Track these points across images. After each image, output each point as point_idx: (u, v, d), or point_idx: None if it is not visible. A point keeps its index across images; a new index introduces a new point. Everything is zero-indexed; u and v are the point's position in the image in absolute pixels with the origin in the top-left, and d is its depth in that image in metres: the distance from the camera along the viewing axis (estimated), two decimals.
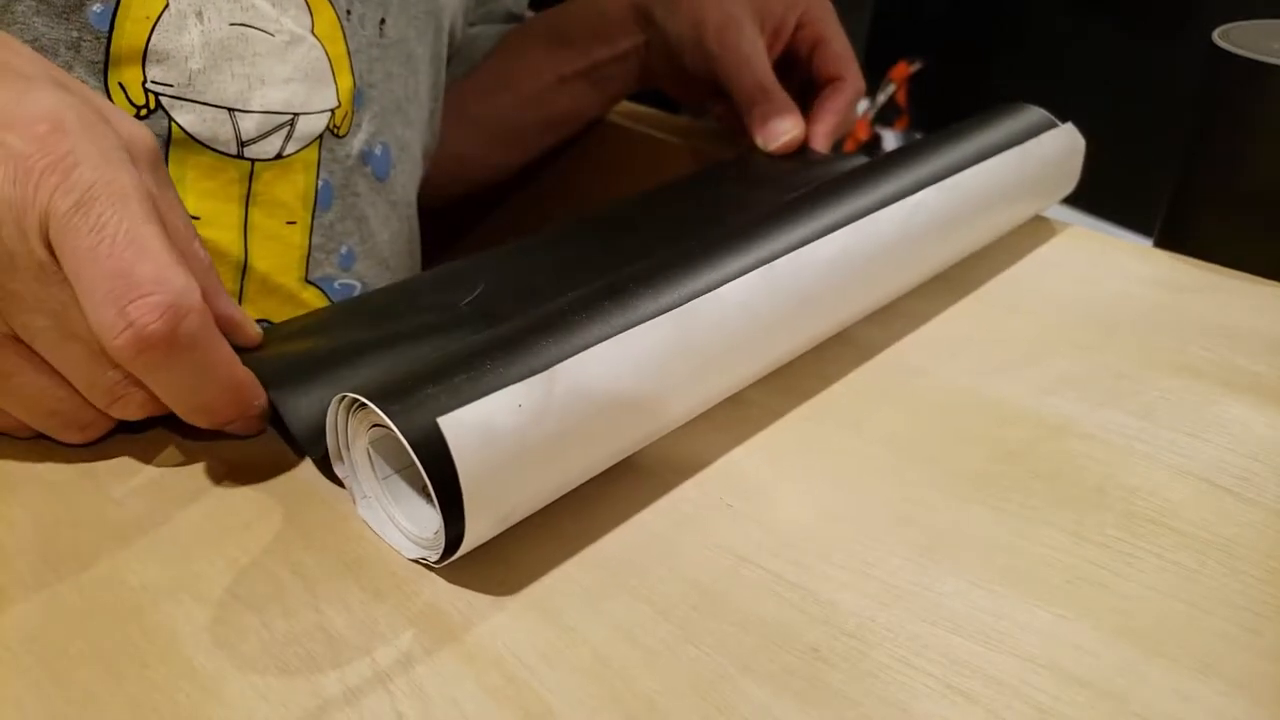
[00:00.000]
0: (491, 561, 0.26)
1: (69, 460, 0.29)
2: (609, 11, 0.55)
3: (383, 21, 0.45)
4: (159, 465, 0.29)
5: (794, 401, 0.32)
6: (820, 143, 0.49)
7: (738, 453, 0.30)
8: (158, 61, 0.37)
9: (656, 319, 0.28)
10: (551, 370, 0.25)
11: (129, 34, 0.36)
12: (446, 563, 0.25)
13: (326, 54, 0.41)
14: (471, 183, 0.62)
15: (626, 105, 0.60)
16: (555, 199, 0.64)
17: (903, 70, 1.92)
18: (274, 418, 0.30)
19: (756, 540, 0.27)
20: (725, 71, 0.50)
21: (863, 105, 1.92)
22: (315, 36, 0.41)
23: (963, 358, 0.35)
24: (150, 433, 0.30)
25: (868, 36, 1.75)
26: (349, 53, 0.42)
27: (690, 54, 0.51)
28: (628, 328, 0.27)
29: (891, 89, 1.93)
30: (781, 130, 0.48)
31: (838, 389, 0.33)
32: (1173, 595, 0.25)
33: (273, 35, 0.39)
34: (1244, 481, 0.29)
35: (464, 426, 0.23)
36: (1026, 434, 0.31)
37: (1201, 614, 0.24)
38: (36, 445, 0.29)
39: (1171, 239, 0.46)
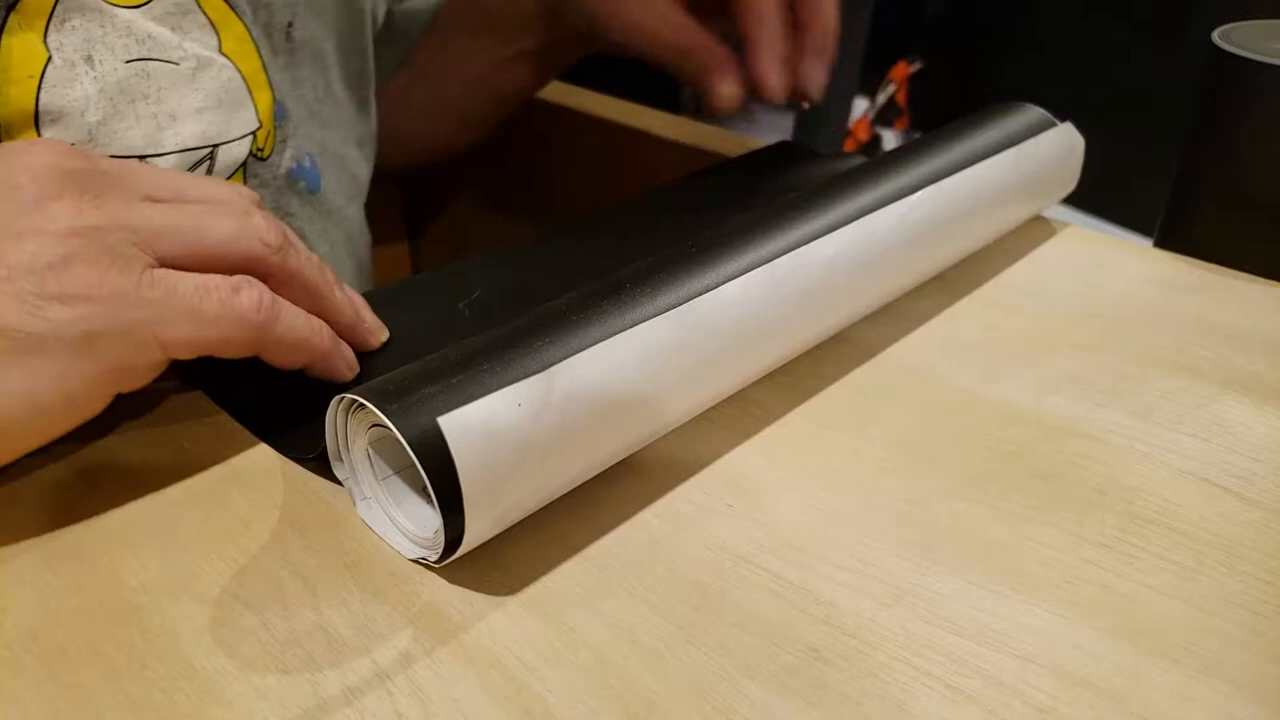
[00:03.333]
0: (491, 561, 0.26)
1: (69, 461, 0.29)
2: (521, 4, 0.52)
3: (290, 25, 0.42)
4: (159, 466, 0.29)
5: (794, 401, 0.32)
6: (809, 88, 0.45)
7: (738, 453, 0.30)
8: (52, 122, 0.33)
9: (655, 319, 0.28)
10: (550, 370, 0.25)
11: (14, 99, 0.33)
12: (446, 563, 0.25)
13: (240, 72, 0.38)
14: (417, 161, 0.60)
15: (626, 105, 0.60)
16: (554, 200, 0.64)
17: (903, 70, 1.92)
18: (273, 421, 0.30)
19: (756, 540, 0.27)
20: (639, 48, 0.46)
21: (863, 105, 1.92)
22: (225, 55, 0.37)
23: (963, 358, 0.35)
24: (150, 433, 0.30)
25: (868, 37, 1.75)
26: (264, 66, 0.39)
27: (605, 40, 0.48)
28: (626, 328, 0.27)
29: (891, 89, 1.93)
30: (719, 93, 0.43)
31: (838, 389, 0.33)
32: (1173, 595, 0.25)
33: (177, 64, 0.36)
34: (1244, 481, 0.29)
35: (463, 426, 0.23)
36: (1027, 434, 0.31)
37: (1201, 614, 0.24)
38: None
39: (1171, 239, 0.46)
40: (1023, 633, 0.24)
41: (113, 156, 0.33)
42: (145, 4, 0.35)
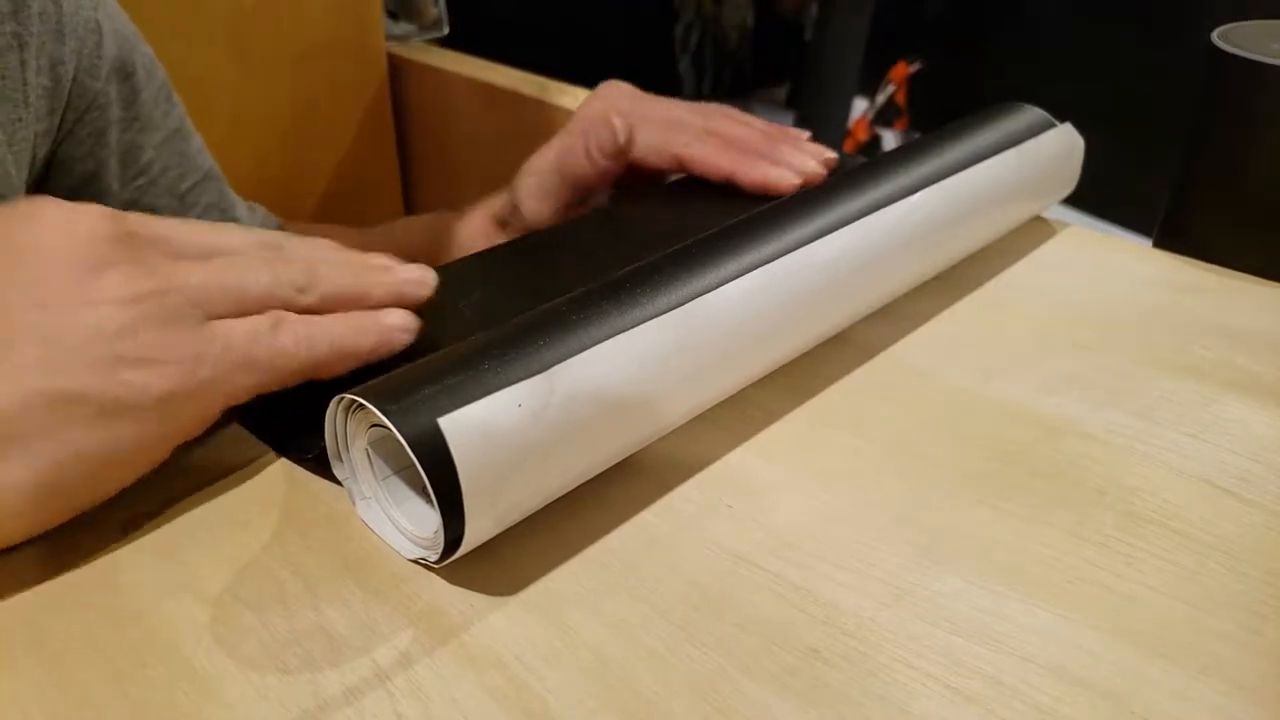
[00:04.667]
0: (491, 562, 0.26)
1: None
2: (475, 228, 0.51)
3: None
4: (159, 466, 0.29)
5: (794, 402, 0.32)
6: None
7: (738, 453, 0.30)
8: None
9: (655, 320, 0.28)
10: (550, 371, 0.25)
11: None
12: (446, 562, 0.25)
13: None
14: None
15: None
16: None
17: (903, 70, 1.92)
18: (273, 421, 0.30)
19: (756, 540, 0.27)
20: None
21: (862, 105, 1.93)
22: None
23: (963, 358, 0.35)
24: None
25: (868, 37, 1.75)
26: None
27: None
28: (626, 328, 0.27)
29: (891, 89, 1.93)
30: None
31: (838, 389, 0.33)
32: (1173, 595, 0.25)
33: None
34: (1244, 482, 0.29)
35: (463, 427, 0.23)
36: (1026, 434, 0.31)
37: (1201, 614, 0.24)
38: None
39: (1171, 239, 0.46)
40: (1023, 633, 0.24)
41: None
42: None
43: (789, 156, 0.42)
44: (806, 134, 0.45)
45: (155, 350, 0.24)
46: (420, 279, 0.31)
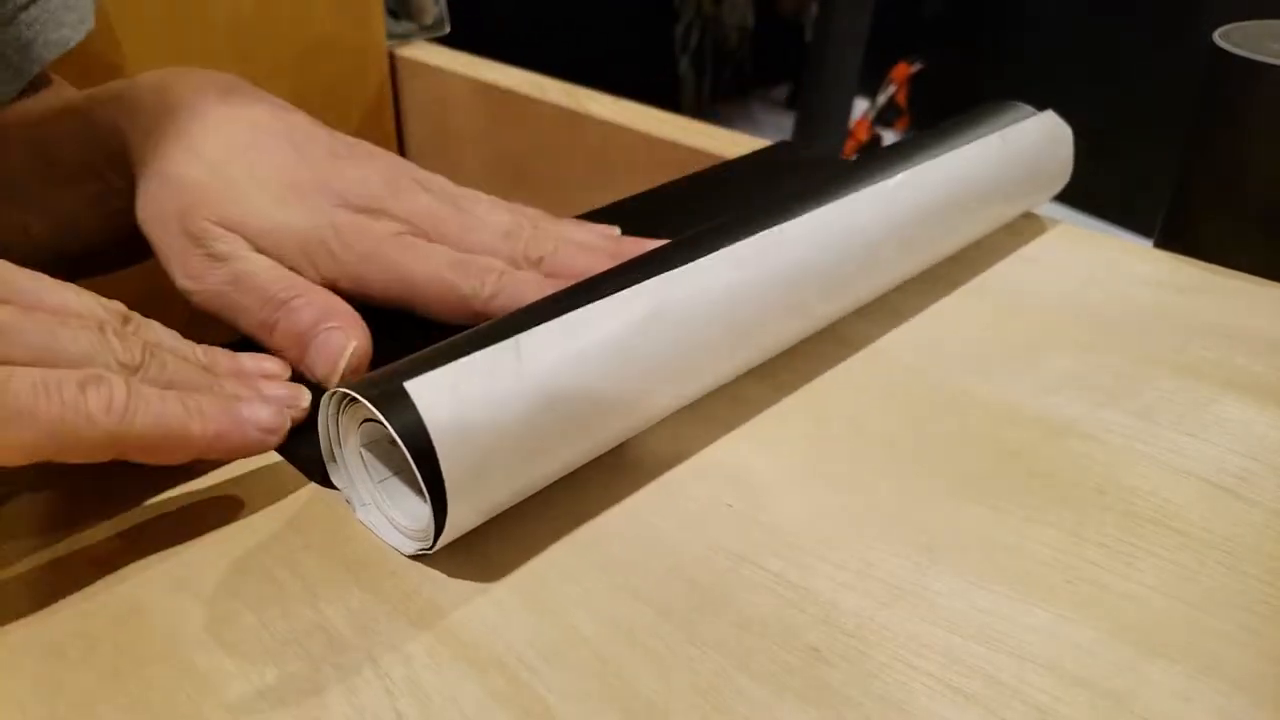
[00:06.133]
0: (491, 561, 0.26)
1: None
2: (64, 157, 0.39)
3: None
4: (158, 465, 0.29)
5: (794, 400, 0.32)
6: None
7: (738, 452, 0.30)
8: None
9: (626, 290, 0.28)
10: (517, 337, 0.26)
11: None
12: (440, 545, 0.25)
13: None
14: None
15: (626, 105, 0.60)
16: (552, 200, 0.64)
17: (903, 70, 1.92)
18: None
19: (756, 540, 0.27)
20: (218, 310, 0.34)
21: (863, 105, 1.93)
22: None
23: (963, 357, 0.35)
24: None
25: (868, 37, 1.75)
26: None
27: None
28: (595, 300, 0.28)
29: (891, 89, 1.93)
30: (328, 351, 0.31)
31: (837, 388, 0.33)
32: (1173, 595, 0.25)
33: None
34: (1244, 481, 0.29)
35: (430, 386, 0.24)
36: (1026, 434, 0.31)
37: (1201, 614, 0.24)
38: None
39: (1171, 239, 0.46)
40: (1023, 633, 0.24)
41: None
42: None
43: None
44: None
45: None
46: (291, 397, 0.28)
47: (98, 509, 0.27)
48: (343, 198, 0.33)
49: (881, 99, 1.92)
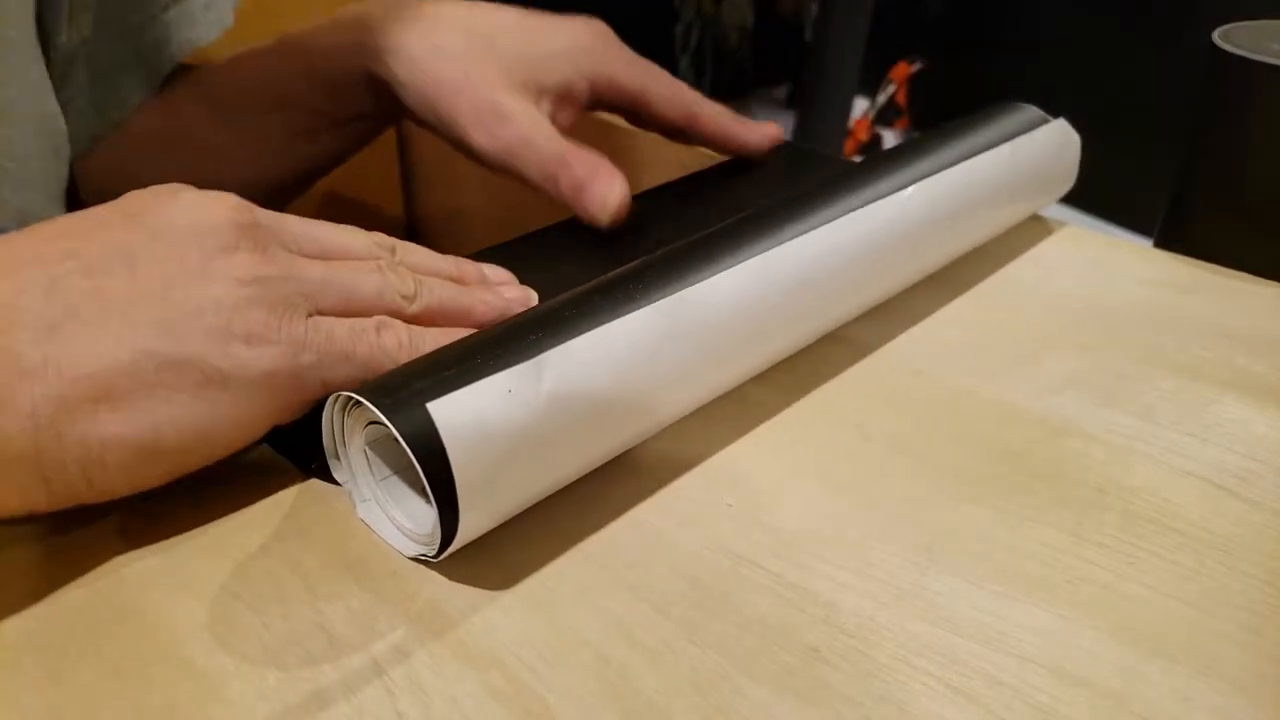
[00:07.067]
0: (491, 561, 0.26)
1: None
2: (337, 79, 0.46)
3: None
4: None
5: (794, 401, 0.32)
6: (750, 138, 0.47)
7: (738, 452, 0.30)
8: None
9: (646, 307, 0.28)
10: (540, 357, 0.25)
11: None
12: (445, 555, 0.25)
13: None
14: None
15: None
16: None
17: (903, 70, 1.92)
18: (272, 432, 0.30)
19: (756, 540, 0.27)
20: (506, 162, 0.42)
21: (863, 105, 1.93)
22: None
23: (963, 358, 0.35)
24: None
25: (868, 37, 1.75)
26: None
27: (456, 144, 0.44)
28: (616, 317, 0.27)
29: (891, 89, 1.93)
30: (604, 192, 0.40)
31: (838, 389, 0.33)
32: (1173, 595, 0.25)
33: None
34: (1244, 481, 0.29)
35: (453, 411, 0.23)
36: (1026, 434, 0.31)
37: (1201, 614, 0.24)
38: None
39: (1171, 239, 0.46)
40: (1023, 633, 0.24)
41: None
42: None
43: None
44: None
45: (263, 329, 0.26)
46: (524, 299, 0.33)
47: (98, 509, 0.27)
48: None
49: (881, 98, 1.92)
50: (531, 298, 0.33)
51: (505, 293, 0.33)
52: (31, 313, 0.24)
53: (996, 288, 0.39)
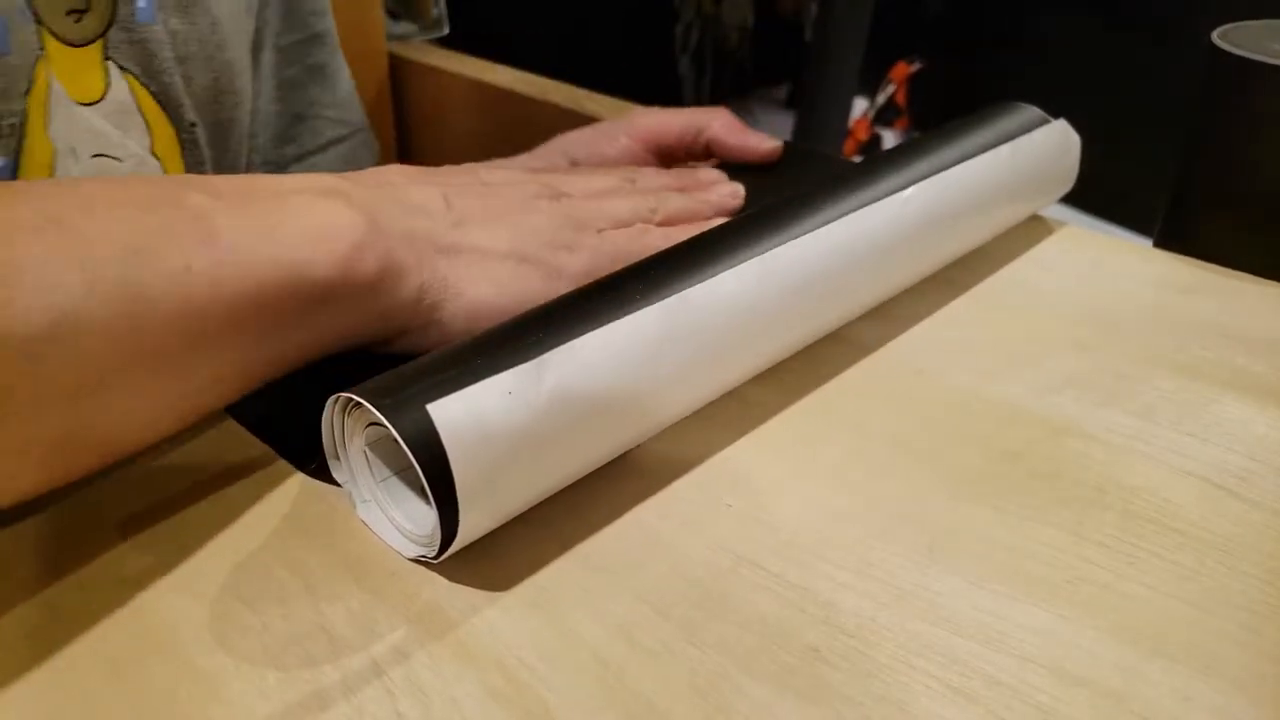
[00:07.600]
0: (491, 561, 0.26)
1: None
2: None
3: (193, 125, 0.45)
4: (160, 464, 0.29)
5: (794, 401, 0.32)
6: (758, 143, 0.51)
7: (738, 452, 0.30)
8: None
9: (647, 308, 0.28)
10: (541, 358, 0.25)
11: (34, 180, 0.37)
12: (445, 557, 0.25)
13: (164, 172, 0.42)
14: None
15: (626, 105, 0.60)
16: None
17: (903, 70, 1.92)
18: (273, 428, 0.30)
19: (756, 540, 0.27)
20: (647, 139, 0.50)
21: (863, 105, 1.93)
22: (154, 155, 0.42)
23: (963, 358, 0.35)
24: None
25: (868, 37, 1.75)
26: (184, 169, 0.43)
27: None
28: (617, 318, 0.27)
29: (891, 89, 1.93)
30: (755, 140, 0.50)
31: (838, 389, 0.33)
32: (1173, 595, 0.25)
33: (121, 160, 0.41)
34: (1244, 481, 0.29)
35: (453, 412, 0.23)
36: (1027, 434, 0.31)
37: (1201, 614, 0.24)
38: None
39: (1171, 239, 0.46)
40: (1023, 633, 0.24)
41: None
42: (98, 102, 0.40)
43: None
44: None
45: (574, 242, 0.36)
46: (734, 192, 0.44)
47: (99, 507, 0.27)
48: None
49: (881, 99, 1.92)
50: (739, 190, 0.44)
51: (720, 189, 0.43)
52: (440, 212, 0.34)
53: (996, 288, 0.39)
